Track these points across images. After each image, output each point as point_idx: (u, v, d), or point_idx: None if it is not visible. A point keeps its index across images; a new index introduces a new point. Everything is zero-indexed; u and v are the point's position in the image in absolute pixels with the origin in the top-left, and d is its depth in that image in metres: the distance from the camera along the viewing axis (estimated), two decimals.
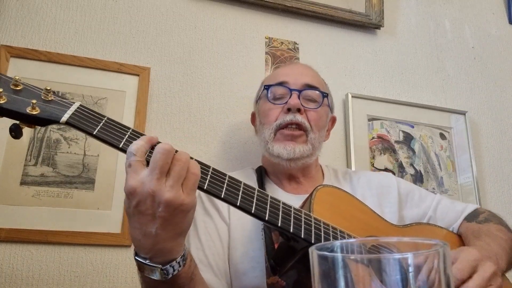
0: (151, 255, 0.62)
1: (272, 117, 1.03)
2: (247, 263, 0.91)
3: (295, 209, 0.72)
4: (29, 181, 1.14)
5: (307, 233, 0.70)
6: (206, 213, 0.99)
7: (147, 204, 0.59)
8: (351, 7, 1.62)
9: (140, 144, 0.61)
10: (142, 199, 0.59)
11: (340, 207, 0.84)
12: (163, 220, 0.59)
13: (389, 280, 0.32)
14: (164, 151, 0.59)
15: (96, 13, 1.35)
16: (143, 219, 0.60)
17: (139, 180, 0.59)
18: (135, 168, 0.59)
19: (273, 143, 1.01)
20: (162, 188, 0.58)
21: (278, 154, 1.00)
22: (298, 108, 1.00)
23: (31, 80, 1.21)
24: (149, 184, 0.58)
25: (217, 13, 1.49)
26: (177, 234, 0.62)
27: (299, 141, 1.01)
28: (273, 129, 1.02)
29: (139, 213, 0.60)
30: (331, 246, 0.36)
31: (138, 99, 1.28)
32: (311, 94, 1.05)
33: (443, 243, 0.34)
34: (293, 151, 0.99)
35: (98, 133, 0.63)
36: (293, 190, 1.06)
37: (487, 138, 1.72)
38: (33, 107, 0.62)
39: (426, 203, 1.06)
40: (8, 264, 1.09)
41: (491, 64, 1.85)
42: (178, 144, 1.31)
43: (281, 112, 1.02)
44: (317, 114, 1.04)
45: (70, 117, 0.63)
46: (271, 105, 1.04)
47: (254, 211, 0.67)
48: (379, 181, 1.09)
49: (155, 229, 0.60)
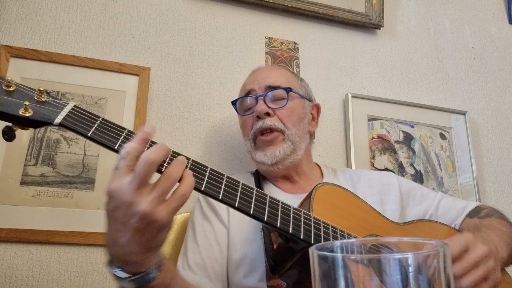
0: (121, 263, 0.60)
1: (247, 128, 1.06)
2: (247, 265, 0.90)
3: (294, 209, 0.72)
4: (29, 181, 1.14)
5: (307, 234, 0.69)
6: (204, 217, 0.98)
7: (122, 212, 0.57)
8: (351, 7, 1.62)
9: (132, 146, 0.58)
10: (118, 205, 0.57)
11: (340, 206, 0.83)
12: (135, 232, 0.57)
13: (389, 280, 0.32)
14: (147, 162, 0.56)
15: (96, 13, 1.35)
16: (115, 225, 0.58)
17: (119, 186, 0.56)
18: (120, 172, 0.57)
19: (255, 152, 1.04)
20: (140, 199, 0.56)
21: (262, 161, 1.02)
22: (266, 113, 1.02)
23: (31, 80, 1.22)
24: (127, 192, 0.56)
25: (217, 13, 1.49)
26: (147, 249, 0.60)
27: (277, 143, 1.02)
28: (251, 138, 1.05)
29: (113, 219, 0.58)
30: (331, 246, 0.36)
31: (138, 99, 1.28)
32: (276, 94, 1.05)
33: (443, 243, 0.34)
34: (274, 155, 1.01)
35: (93, 134, 0.62)
36: (290, 189, 1.05)
37: (487, 138, 1.72)
38: (26, 109, 0.60)
39: (428, 201, 1.06)
40: (8, 264, 1.09)
41: (491, 64, 1.85)
42: (178, 144, 1.31)
43: (254, 120, 1.04)
44: (287, 110, 1.04)
45: (64, 119, 0.62)
46: (244, 117, 1.08)
47: (253, 212, 0.66)
48: (380, 180, 1.08)
49: (125, 239, 0.57)
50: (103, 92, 1.27)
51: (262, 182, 1.08)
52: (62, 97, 1.22)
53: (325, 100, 1.52)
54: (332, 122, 1.50)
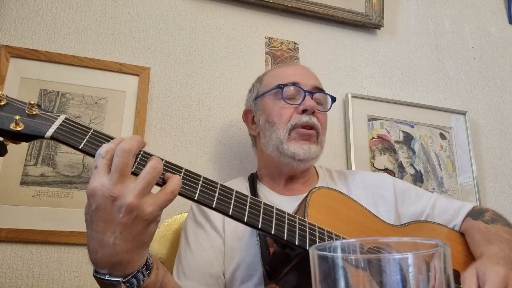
0: (109, 268, 0.58)
1: (286, 117, 1.01)
2: (244, 271, 0.90)
3: (289, 215, 0.71)
4: (29, 181, 1.14)
5: (302, 240, 0.68)
6: (197, 225, 0.97)
7: (107, 209, 0.55)
8: (351, 7, 1.62)
9: (110, 147, 0.58)
10: (101, 202, 0.55)
11: (336, 209, 0.83)
12: (123, 228, 0.56)
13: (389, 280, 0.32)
14: (124, 151, 0.56)
15: (96, 13, 1.35)
16: (101, 226, 0.56)
17: (101, 182, 0.55)
18: (100, 171, 0.56)
19: (288, 143, 1.00)
20: (125, 191, 0.55)
21: (293, 154, 0.99)
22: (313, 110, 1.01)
23: (31, 80, 1.22)
24: (110, 187, 0.55)
25: (217, 13, 1.49)
26: (137, 245, 0.58)
27: (313, 142, 1.01)
28: (288, 129, 1.00)
29: (98, 219, 0.56)
30: (331, 246, 0.36)
31: (138, 99, 1.28)
32: (320, 97, 1.06)
33: (443, 243, 0.34)
34: (309, 151, 0.99)
35: (85, 147, 0.61)
36: (287, 191, 1.04)
37: (487, 138, 1.72)
38: (16, 123, 0.59)
39: (423, 201, 1.05)
40: (8, 264, 1.09)
41: (491, 64, 1.85)
42: (178, 144, 1.31)
43: (294, 112, 1.01)
44: (325, 117, 1.07)
45: (55, 132, 0.61)
46: (285, 105, 1.02)
47: (247, 220, 0.65)
48: (374, 180, 1.08)
49: (113, 238, 0.56)
50: (103, 92, 1.27)
51: (257, 185, 1.07)
52: (62, 97, 1.23)
53: None
54: (332, 122, 1.50)
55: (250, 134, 1.17)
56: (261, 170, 1.11)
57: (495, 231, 0.89)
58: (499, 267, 0.69)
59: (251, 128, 1.13)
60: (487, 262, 0.73)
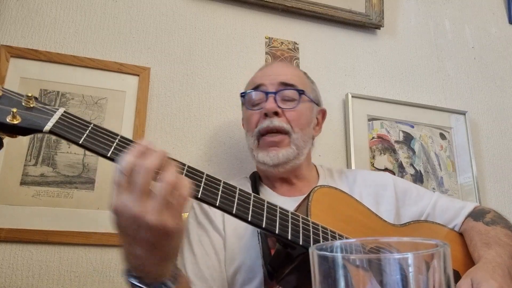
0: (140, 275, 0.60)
1: (252, 124, 1.02)
2: (244, 273, 0.89)
3: (292, 214, 0.71)
4: (29, 181, 1.14)
5: (305, 239, 0.68)
6: (199, 226, 0.97)
7: (130, 227, 0.56)
8: (351, 7, 1.62)
9: (131, 161, 0.56)
10: (124, 220, 0.56)
11: (338, 208, 0.83)
12: (147, 244, 0.57)
13: (389, 280, 0.32)
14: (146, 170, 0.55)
15: (96, 13, 1.35)
16: (128, 239, 0.58)
17: (122, 201, 0.55)
18: (121, 188, 0.56)
19: (257, 151, 1.01)
20: (144, 210, 0.55)
21: (263, 161, 0.99)
22: (275, 112, 0.98)
23: (31, 80, 1.22)
24: (130, 206, 0.55)
25: (217, 13, 1.49)
26: (163, 258, 0.59)
27: (282, 146, 0.99)
28: (255, 136, 1.01)
29: (125, 234, 0.57)
30: (331, 246, 0.36)
31: (138, 99, 1.28)
32: (288, 94, 1.02)
33: (443, 243, 0.34)
34: (277, 157, 0.98)
35: (85, 142, 0.59)
36: (287, 192, 1.04)
37: (487, 138, 1.72)
38: (13, 116, 0.57)
39: (424, 201, 1.05)
40: (8, 264, 1.09)
41: (491, 64, 1.85)
42: (178, 144, 1.31)
43: (260, 117, 1.00)
44: (297, 113, 1.01)
45: (54, 125, 0.59)
46: (251, 112, 1.03)
47: (251, 219, 0.64)
48: (375, 180, 1.07)
49: (139, 251, 0.57)
50: (103, 92, 1.27)
51: (259, 186, 1.06)
52: (62, 97, 1.23)
53: (325, 100, 1.51)
54: (332, 122, 1.50)
55: None
56: (259, 172, 1.11)
57: (495, 234, 0.89)
58: (493, 282, 0.70)
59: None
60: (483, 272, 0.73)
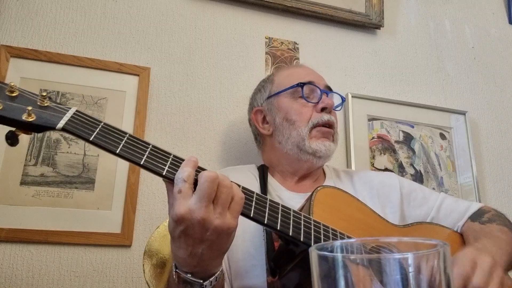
0: (194, 271, 0.66)
1: (306, 115, 1.05)
2: (248, 261, 0.90)
3: (294, 212, 0.72)
4: (29, 181, 1.14)
5: (306, 236, 0.69)
6: None
7: (196, 230, 0.62)
8: (351, 7, 1.62)
9: (189, 171, 0.64)
10: (190, 225, 0.62)
11: (340, 208, 0.83)
12: (210, 243, 0.63)
13: (389, 280, 0.32)
14: (211, 179, 0.62)
15: (96, 13, 1.35)
16: (190, 241, 0.63)
17: (187, 208, 0.61)
18: (185, 195, 0.62)
19: (309, 140, 1.03)
20: (211, 215, 0.61)
21: (315, 151, 1.02)
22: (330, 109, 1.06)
23: (31, 80, 1.22)
24: (198, 212, 0.61)
25: (217, 13, 1.49)
26: (221, 253, 0.67)
27: (331, 139, 1.06)
28: (310, 127, 1.04)
29: (187, 236, 0.63)
30: (331, 246, 0.36)
31: (138, 99, 1.28)
32: (331, 97, 1.11)
33: (443, 243, 0.34)
34: (330, 148, 1.04)
35: (95, 139, 0.63)
36: (297, 188, 1.05)
37: (487, 138, 1.72)
38: (29, 114, 0.61)
39: (429, 203, 1.05)
40: (8, 264, 1.09)
41: (491, 64, 1.85)
42: (178, 144, 1.31)
43: (313, 110, 1.05)
44: (336, 115, 1.11)
45: (66, 123, 0.63)
46: (305, 103, 1.06)
47: (253, 215, 0.67)
48: (381, 181, 1.08)
49: (201, 250, 0.63)
50: (103, 92, 1.27)
51: (267, 177, 1.07)
52: (62, 97, 1.22)
53: None
54: None
55: (257, 134, 1.16)
56: (273, 166, 1.10)
57: (488, 231, 0.91)
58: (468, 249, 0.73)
59: (262, 128, 1.12)
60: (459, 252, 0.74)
